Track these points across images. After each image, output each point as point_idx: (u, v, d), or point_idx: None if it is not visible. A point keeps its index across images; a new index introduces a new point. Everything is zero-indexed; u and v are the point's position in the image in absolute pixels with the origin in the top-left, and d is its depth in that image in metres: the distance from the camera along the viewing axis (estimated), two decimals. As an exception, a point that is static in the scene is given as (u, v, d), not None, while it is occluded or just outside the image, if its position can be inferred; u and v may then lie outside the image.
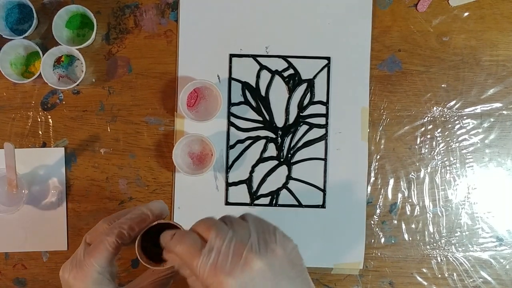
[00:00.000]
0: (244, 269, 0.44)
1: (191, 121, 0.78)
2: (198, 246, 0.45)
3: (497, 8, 0.81)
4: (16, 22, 0.80)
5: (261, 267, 0.44)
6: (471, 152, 0.81)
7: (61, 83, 0.80)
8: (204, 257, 0.44)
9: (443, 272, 0.81)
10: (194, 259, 0.45)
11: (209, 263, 0.44)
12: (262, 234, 0.47)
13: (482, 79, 0.81)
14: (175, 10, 0.81)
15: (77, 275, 0.51)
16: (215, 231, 0.46)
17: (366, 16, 0.81)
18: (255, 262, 0.44)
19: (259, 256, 0.45)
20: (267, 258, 0.45)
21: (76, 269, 0.52)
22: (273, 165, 0.81)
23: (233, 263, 0.44)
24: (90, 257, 0.51)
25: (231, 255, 0.44)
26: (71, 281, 0.52)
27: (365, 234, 0.80)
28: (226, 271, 0.44)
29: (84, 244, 0.54)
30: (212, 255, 0.44)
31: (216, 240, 0.45)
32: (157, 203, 0.55)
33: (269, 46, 0.81)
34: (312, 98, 0.81)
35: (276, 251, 0.46)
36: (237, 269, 0.44)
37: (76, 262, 0.52)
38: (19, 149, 0.80)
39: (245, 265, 0.44)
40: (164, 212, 0.55)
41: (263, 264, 0.44)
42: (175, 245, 0.46)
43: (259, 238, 0.46)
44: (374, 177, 0.81)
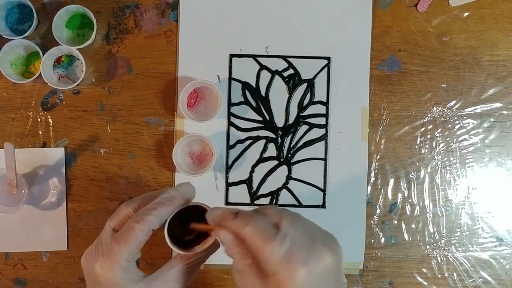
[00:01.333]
0: (318, 262, 0.43)
1: (191, 121, 0.78)
2: (271, 230, 0.44)
3: (497, 8, 0.81)
4: (16, 22, 0.80)
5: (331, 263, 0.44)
6: (471, 152, 0.81)
7: (61, 83, 0.80)
8: (279, 243, 0.43)
9: (443, 272, 0.81)
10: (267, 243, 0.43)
11: (284, 249, 0.43)
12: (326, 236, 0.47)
13: (482, 79, 0.81)
14: (175, 10, 0.81)
15: (104, 263, 0.48)
16: (289, 219, 0.45)
17: (366, 16, 0.81)
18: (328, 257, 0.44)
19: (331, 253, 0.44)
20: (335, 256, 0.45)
21: (103, 257, 0.49)
22: (273, 165, 0.81)
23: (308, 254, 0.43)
24: (120, 245, 0.48)
25: (307, 246, 0.44)
26: (98, 270, 0.49)
27: (365, 234, 0.80)
28: (301, 261, 0.43)
29: (109, 231, 0.51)
30: (287, 242, 0.43)
31: (290, 228, 0.44)
32: (186, 186, 0.52)
33: (269, 46, 0.81)
34: (312, 98, 0.81)
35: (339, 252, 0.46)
36: (312, 261, 0.43)
37: (103, 250, 0.49)
38: (19, 149, 0.80)
39: (319, 257, 0.44)
40: (193, 195, 0.52)
41: (332, 261, 0.44)
42: (244, 225, 0.45)
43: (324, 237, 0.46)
44: (374, 177, 0.81)
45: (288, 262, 0.43)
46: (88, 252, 0.51)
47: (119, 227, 0.51)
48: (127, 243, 0.48)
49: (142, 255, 0.80)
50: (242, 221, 0.45)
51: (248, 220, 0.45)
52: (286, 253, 0.43)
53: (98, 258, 0.49)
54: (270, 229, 0.44)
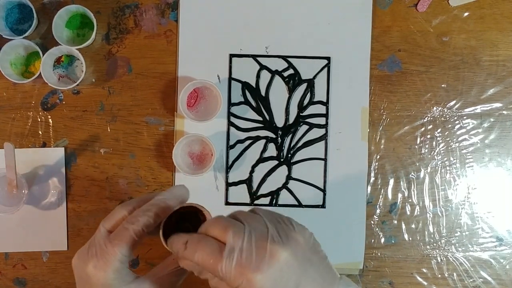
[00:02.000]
0: (271, 262, 0.43)
1: (191, 121, 0.78)
2: (217, 249, 0.44)
3: (497, 8, 0.81)
4: (16, 22, 0.80)
5: (286, 257, 0.43)
6: (471, 152, 0.81)
7: (61, 83, 0.80)
8: (227, 259, 0.43)
9: (443, 272, 0.81)
10: (216, 263, 0.44)
11: (234, 264, 0.43)
12: (279, 225, 0.46)
13: (482, 79, 0.81)
14: (175, 10, 0.81)
15: (97, 264, 0.49)
16: (232, 230, 0.44)
17: (366, 16, 0.81)
18: (280, 253, 0.43)
19: (283, 246, 0.44)
20: (291, 247, 0.44)
21: (96, 257, 0.49)
22: (273, 165, 0.81)
23: (258, 258, 0.43)
24: (113, 246, 0.49)
25: (255, 250, 0.43)
26: (91, 270, 0.49)
27: (365, 234, 0.80)
28: (253, 268, 0.43)
29: (104, 232, 0.51)
30: (234, 255, 0.43)
31: (235, 239, 0.44)
32: (179, 188, 0.53)
33: (269, 46, 0.81)
34: (312, 98, 0.81)
35: (298, 239, 0.45)
36: (264, 264, 0.43)
37: (97, 251, 0.50)
38: (19, 149, 0.80)
39: (271, 258, 0.43)
40: (186, 196, 0.53)
41: (288, 254, 0.44)
42: (193, 254, 0.45)
43: (278, 229, 0.45)
44: (374, 177, 0.81)
45: (241, 273, 0.43)
46: (80, 253, 0.52)
47: (113, 228, 0.51)
48: (121, 244, 0.49)
49: (142, 255, 0.80)
50: (190, 251, 0.45)
51: (195, 248, 0.45)
52: (237, 266, 0.43)
53: (92, 258, 0.49)
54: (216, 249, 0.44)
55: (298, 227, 0.47)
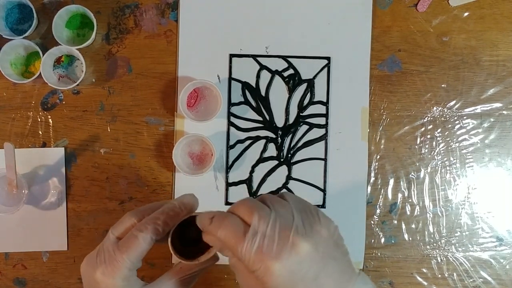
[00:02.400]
0: (292, 253, 0.42)
1: (191, 121, 0.78)
2: (241, 230, 0.44)
3: (497, 8, 0.81)
4: (16, 22, 0.80)
5: (308, 250, 0.43)
6: (471, 152, 0.81)
7: (61, 83, 0.80)
8: (249, 242, 0.43)
9: (443, 272, 0.81)
10: (238, 243, 0.43)
11: (255, 248, 0.43)
12: (305, 215, 0.45)
13: (482, 79, 0.81)
14: (175, 10, 0.81)
15: (106, 271, 0.49)
16: (258, 213, 0.44)
17: (366, 16, 0.81)
18: (302, 245, 0.43)
19: (305, 239, 0.43)
20: (314, 240, 0.43)
21: (105, 264, 0.49)
22: (273, 165, 0.81)
23: (279, 247, 0.42)
24: (122, 253, 0.49)
25: (277, 238, 0.43)
26: (99, 276, 0.49)
27: (365, 234, 0.80)
28: (273, 256, 0.42)
29: (113, 239, 0.51)
30: (257, 239, 0.43)
31: (260, 223, 0.43)
32: (189, 197, 0.53)
33: (269, 46, 0.81)
34: (312, 98, 0.81)
35: (321, 232, 0.45)
36: (285, 253, 0.42)
37: (105, 258, 0.50)
38: (19, 149, 0.80)
39: (292, 248, 0.42)
40: (196, 205, 0.53)
41: (310, 246, 0.43)
42: (216, 229, 0.45)
43: (303, 219, 0.45)
44: (374, 177, 0.81)
45: (261, 259, 0.42)
46: (89, 258, 0.52)
47: (122, 235, 0.51)
48: (130, 251, 0.49)
49: (142, 255, 0.80)
50: (215, 225, 0.45)
51: (220, 224, 0.45)
52: (257, 250, 0.43)
53: (100, 265, 0.50)
54: (240, 229, 0.44)
55: (323, 219, 0.46)
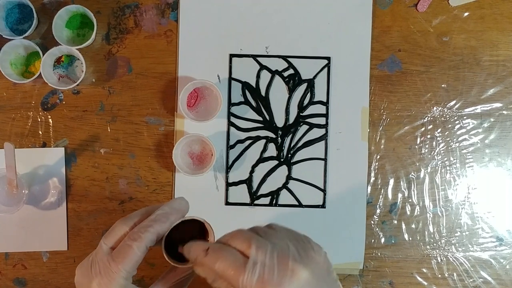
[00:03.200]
0: (292, 280, 0.44)
1: (191, 121, 0.78)
2: (240, 261, 0.45)
3: (497, 8, 0.81)
4: (16, 22, 0.80)
5: (306, 276, 0.44)
6: (471, 152, 0.81)
7: (61, 83, 0.80)
8: (250, 273, 0.44)
9: (443, 272, 0.81)
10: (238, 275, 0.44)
11: (256, 278, 0.44)
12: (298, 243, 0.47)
13: (482, 79, 0.81)
14: (175, 10, 0.81)
15: (102, 282, 0.49)
16: (255, 244, 0.45)
17: (366, 16, 0.81)
18: (301, 272, 0.44)
19: (304, 266, 0.44)
20: (310, 266, 0.45)
21: (100, 275, 0.50)
22: (273, 165, 0.81)
23: (280, 275, 0.44)
24: (117, 264, 0.49)
25: (277, 267, 0.44)
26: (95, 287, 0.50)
27: (365, 234, 0.80)
28: (274, 284, 0.43)
29: (106, 249, 0.51)
30: (257, 270, 0.44)
31: (258, 253, 0.44)
32: (179, 201, 0.54)
33: (269, 46, 0.81)
34: (312, 98, 0.81)
35: (316, 259, 0.46)
36: (285, 281, 0.43)
37: (100, 269, 0.50)
38: (19, 149, 0.80)
39: (292, 276, 0.44)
40: (186, 209, 0.53)
41: (308, 273, 0.44)
42: (214, 261, 0.45)
43: (298, 247, 0.46)
44: (374, 177, 0.81)
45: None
46: (82, 269, 0.52)
47: (115, 245, 0.51)
48: (125, 261, 0.49)
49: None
50: (211, 258, 0.46)
51: (217, 256, 0.45)
52: (258, 281, 0.43)
53: (95, 276, 0.50)
54: (239, 261, 0.45)
55: (315, 246, 0.48)
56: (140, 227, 0.51)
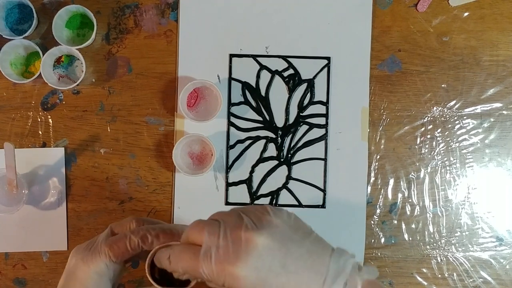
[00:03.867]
0: (249, 250, 0.42)
1: (191, 121, 0.78)
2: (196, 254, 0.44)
3: (497, 8, 0.81)
4: (16, 22, 0.80)
5: (264, 242, 0.43)
6: (471, 152, 0.81)
7: (61, 83, 0.80)
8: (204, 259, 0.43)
9: (443, 272, 0.81)
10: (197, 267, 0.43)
11: (213, 262, 0.43)
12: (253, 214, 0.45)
13: (482, 79, 0.81)
14: (175, 10, 0.81)
15: (85, 258, 0.51)
16: (207, 229, 0.44)
17: (366, 16, 0.81)
18: (256, 239, 0.43)
19: (257, 232, 0.43)
20: (267, 231, 0.43)
21: (88, 252, 0.51)
22: (273, 165, 0.81)
23: (235, 250, 0.43)
24: (106, 246, 0.51)
25: (231, 243, 0.43)
26: (78, 262, 0.51)
27: (365, 234, 0.80)
28: (232, 261, 0.42)
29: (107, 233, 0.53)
30: (212, 253, 0.43)
31: (210, 237, 0.44)
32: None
33: (269, 46, 0.81)
34: (312, 98, 0.81)
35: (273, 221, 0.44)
36: (241, 253, 0.42)
37: (91, 247, 0.52)
38: (19, 149, 0.80)
39: (247, 246, 0.42)
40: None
41: (264, 238, 0.43)
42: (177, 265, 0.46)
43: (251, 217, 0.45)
44: (374, 177, 0.81)
45: (222, 269, 0.43)
46: (79, 246, 0.54)
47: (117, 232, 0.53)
48: (114, 247, 0.51)
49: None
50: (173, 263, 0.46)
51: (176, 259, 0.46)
52: (216, 263, 0.43)
53: (84, 252, 0.52)
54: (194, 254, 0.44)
55: (273, 211, 0.46)
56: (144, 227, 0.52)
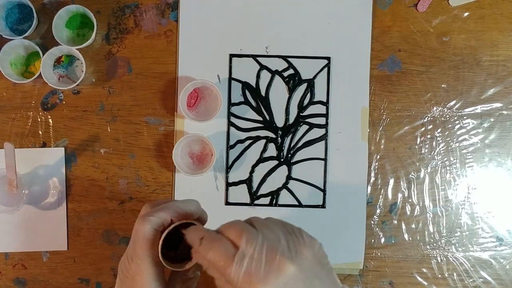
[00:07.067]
0: (279, 275, 0.44)
1: (191, 121, 0.78)
2: (230, 253, 0.45)
3: (497, 8, 0.81)
4: (16, 22, 0.80)
5: (294, 272, 0.44)
6: (471, 152, 0.81)
7: (61, 83, 0.80)
8: (238, 265, 0.44)
9: (443, 272, 0.81)
10: (227, 266, 0.44)
11: (243, 271, 0.44)
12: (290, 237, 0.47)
13: (482, 79, 0.81)
14: (175, 10, 0.81)
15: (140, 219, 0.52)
16: (246, 236, 0.46)
17: (366, 16, 0.81)
18: (288, 267, 0.44)
19: (291, 261, 0.45)
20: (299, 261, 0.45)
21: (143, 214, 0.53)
22: (273, 165, 0.81)
23: (267, 270, 0.44)
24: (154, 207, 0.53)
25: (264, 261, 0.44)
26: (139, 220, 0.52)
27: (365, 234, 0.80)
28: (261, 279, 0.44)
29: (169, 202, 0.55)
30: (245, 263, 0.44)
31: (247, 246, 0.45)
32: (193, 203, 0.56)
33: (269, 46, 0.81)
34: (312, 98, 0.81)
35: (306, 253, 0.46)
36: (272, 276, 0.44)
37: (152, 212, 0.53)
38: (19, 149, 0.80)
39: (279, 271, 0.44)
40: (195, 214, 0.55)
41: (295, 268, 0.45)
42: (206, 251, 0.46)
43: (288, 241, 0.46)
44: (374, 177, 0.81)
45: (249, 281, 0.44)
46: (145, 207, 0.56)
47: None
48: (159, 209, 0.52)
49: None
50: (204, 247, 0.47)
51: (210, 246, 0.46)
52: (246, 273, 0.44)
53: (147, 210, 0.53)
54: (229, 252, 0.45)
55: (308, 239, 0.48)
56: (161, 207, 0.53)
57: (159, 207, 0.53)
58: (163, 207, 0.53)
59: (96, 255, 0.81)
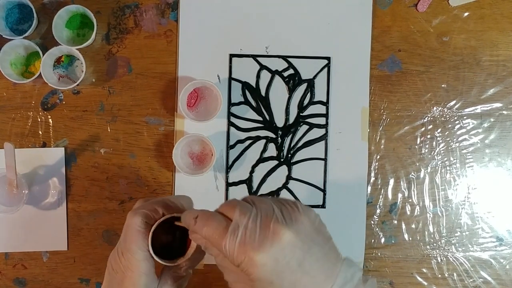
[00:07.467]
0: (274, 241, 0.44)
1: (191, 121, 0.78)
2: (224, 226, 0.45)
3: (497, 8, 0.81)
4: (16, 22, 0.80)
5: (289, 237, 0.44)
6: (471, 152, 0.81)
7: (61, 83, 0.80)
8: (231, 236, 0.44)
9: (443, 272, 0.81)
10: (221, 239, 0.45)
11: (237, 241, 0.44)
12: (284, 207, 0.47)
13: (482, 79, 0.81)
14: (175, 10, 0.81)
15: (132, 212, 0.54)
16: (239, 208, 0.46)
17: (366, 16, 0.81)
18: (283, 233, 0.44)
19: (286, 226, 0.44)
20: (294, 227, 0.45)
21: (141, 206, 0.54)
22: (273, 165, 0.81)
23: (261, 237, 0.44)
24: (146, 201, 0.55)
25: (258, 229, 0.44)
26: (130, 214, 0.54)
27: (365, 234, 0.80)
28: (256, 246, 0.43)
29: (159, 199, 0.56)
30: (239, 233, 0.44)
31: (241, 217, 0.45)
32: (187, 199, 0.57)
33: (269, 46, 0.81)
34: (312, 98, 0.81)
35: (301, 219, 0.46)
36: (267, 243, 0.44)
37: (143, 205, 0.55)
38: (19, 149, 0.80)
39: (274, 237, 0.44)
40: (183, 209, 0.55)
41: (291, 233, 0.44)
42: (201, 227, 0.46)
43: (283, 210, 0.46)
44: (374, 177, 0.81)
45: (244, 251, 0.44)
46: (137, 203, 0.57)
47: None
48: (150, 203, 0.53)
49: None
50: (199, 224, 0.47)
51: (204, 223, 0.47)
52: (240, 243, 0.44)
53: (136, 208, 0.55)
54: (222, 225, 0.45)
55: (303, 208, 0.48)
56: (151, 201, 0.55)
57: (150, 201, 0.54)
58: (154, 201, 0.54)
59: (96, 255, 0.81)
